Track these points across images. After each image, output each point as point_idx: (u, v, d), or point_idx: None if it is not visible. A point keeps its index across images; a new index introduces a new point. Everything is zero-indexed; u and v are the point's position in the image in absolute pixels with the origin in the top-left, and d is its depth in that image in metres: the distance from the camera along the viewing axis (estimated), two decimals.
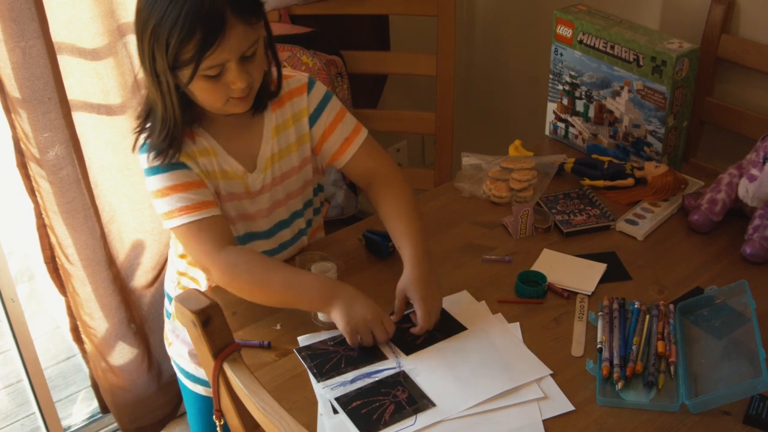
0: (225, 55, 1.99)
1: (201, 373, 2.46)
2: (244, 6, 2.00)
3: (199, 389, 2.53)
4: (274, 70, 2.25)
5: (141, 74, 2.13)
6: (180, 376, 2.58)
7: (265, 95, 2.24)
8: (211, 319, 1.72)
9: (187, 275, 2.45)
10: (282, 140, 2.32)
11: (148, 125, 2.17)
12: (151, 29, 1.95)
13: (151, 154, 2.14)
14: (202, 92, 2.06)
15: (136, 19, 2.01)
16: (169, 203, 2.15)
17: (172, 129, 2.10)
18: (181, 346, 2.49)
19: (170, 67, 1.99)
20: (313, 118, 2.36)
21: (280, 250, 2.44)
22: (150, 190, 2.18)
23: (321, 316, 2.22)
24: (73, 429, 3.54)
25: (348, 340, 2.11)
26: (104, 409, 3.49)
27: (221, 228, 2.18)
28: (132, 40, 2.78)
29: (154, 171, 2.15)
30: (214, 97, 2.08)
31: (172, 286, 2.53)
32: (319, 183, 2.53)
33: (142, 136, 2.17)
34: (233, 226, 2.30)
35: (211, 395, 2.44)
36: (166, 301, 2.62)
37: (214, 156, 2.21)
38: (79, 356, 3.32)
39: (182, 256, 2.43)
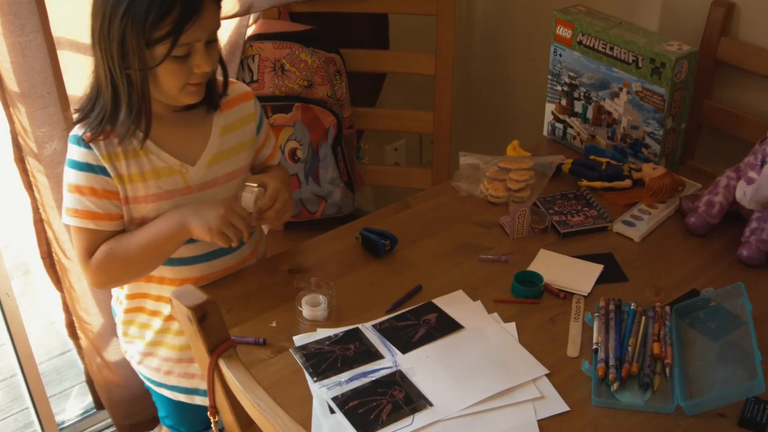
0: (198, 33, 2.04)
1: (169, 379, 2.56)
2: None
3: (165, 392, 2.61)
4: (219, 71, 2.30)
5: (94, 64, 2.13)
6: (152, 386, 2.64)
7: (215, 94, 2.29)
8: (208, 315, 1.72)
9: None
10: (230, 140, 2.34)
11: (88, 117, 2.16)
12: (126, 7, 1.96)
13: (100, 144, 2.15)
14: (166, 74, 2.08)
15: (101, 3, 2.01)
16: (72, 201, 2.18)
17: (142, 108, 2.12)
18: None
19: (145, 44, 2.01)
20: (259, 126, 2.43)
21: (221, 254, 2.41)
22: (65, 180, 2.20)
23: (305, 312, 2.23)
24: (66, 424, 3.53)
25: (221, 243, 2.20)
26: (98, 404, 3.48)
27: (100, 241, 2.23)
28: None
29: (74, 165, 2.17)
30: (176, 81, 2.10)
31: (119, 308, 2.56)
32: None
33: (81, 126, 2.16)
34: None
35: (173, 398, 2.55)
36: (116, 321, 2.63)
37: (145, 155, 2.20)
38: (74, 351, 3.32)
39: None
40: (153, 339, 2.48)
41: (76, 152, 2.15)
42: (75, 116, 2.19)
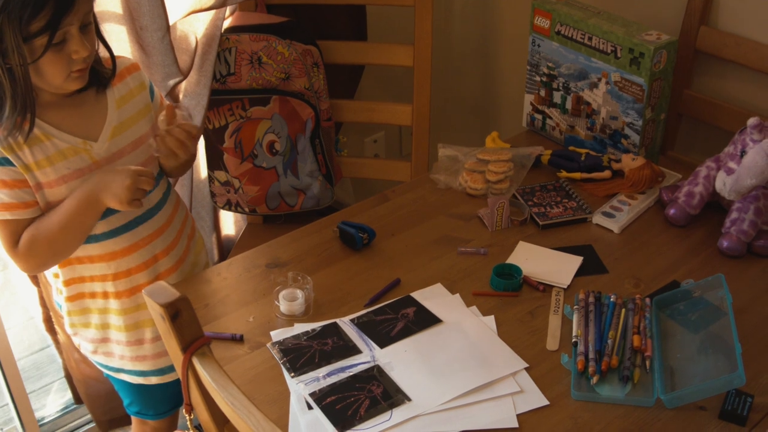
0: (72, 19, 2.04)
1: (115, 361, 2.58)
2: None
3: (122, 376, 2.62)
4: (106, 53, 2.31)
5: None
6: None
7: (102, 76, 2.29)
8: (180, 313, 1.70)
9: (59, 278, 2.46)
10: (127, 110, 2.34)
11: None
12: (2, 4, 1.95)
13: None
14: (48, 65, 2.08)
15: None
16: None
17: (26, 101, 2.10)
18: (86, 344, 2.58)
19: (23, 39, 2.00)
20: (151, 93, 2.43)
21: (142, 220, 2.41)
22: None
23: (283, 307, 2.22)
24: (47, 420, 3.51)
25: (134, 208, 2.23)
26: (78, 400, 3.47)
27: (19, 229, 2.23)
28: (107, 28, 2.74)
29: None
30: (58, 71, 2.10)
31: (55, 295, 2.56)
32: None
33: None
34: None
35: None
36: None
37: (48, 140, 2.19)
38: (53, 347, 3.30)
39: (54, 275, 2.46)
40: (99, 322, 2.49)
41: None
42: None
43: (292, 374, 2.02)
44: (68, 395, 3.51)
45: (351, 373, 2.02)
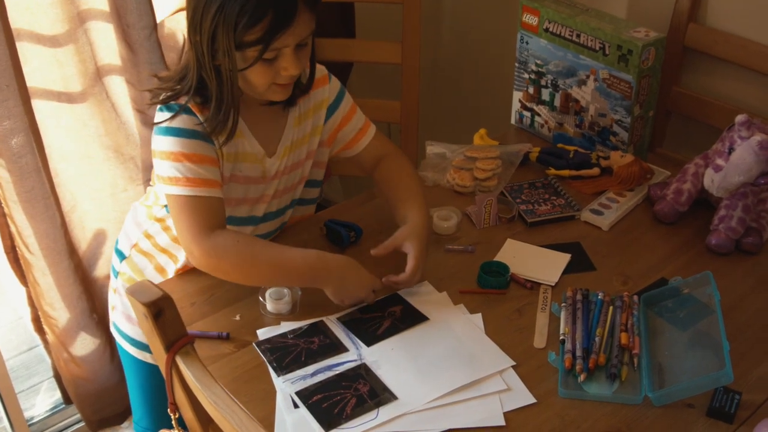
0: (288, 40, 2.01)
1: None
2: None
3: (147, 357, 2.51)
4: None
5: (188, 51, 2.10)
6: (121, 341, 2.55)
7: (297, 89, 2.25)
8: (163, 312, 1.70)
9: (152, 239, 2.41)
10: (302, 129, 2.33)
11: (177, 87, 2.14)
12: (219, 5, 1.93)
13: (196, 123, 2.11)
14: (253, 74, 2.06)
15: None
16: (176, 169, 2.11)
17: (231, 105, 2.09)
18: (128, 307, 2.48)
19: (236, 46, 1.98)
20: (332, 109, 2.40)
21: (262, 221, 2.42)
22: (159, 148, 2.14)
23: (269, 306, 2.21)
24: (36, 420, 3.51)
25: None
26: (67, 400, 3.46)
27: (216, 211, 2.16)
28: (93, 26, 2.75)
29: (173, 132, 2.11)
30: (262, 81, 2.08)
31: (126, 245, 2.48)
32: (315, 178, 2.52)
33: (168, 95, 2.13)
34: (238, 207, 2.30)
35: (153, 362, 2.46)
36: (114, 257, 2.54)
37: (240, 137, 2.19)
38: (42, 347, 3.29)
39: (158, 220, 2.39)
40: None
41: (182, 120, 2.11)
42: (160, 84, 2.19)
43: (279, 373, 2.01)
44: (57, 395, 3.51)
45: (337, 372, 2.01)
